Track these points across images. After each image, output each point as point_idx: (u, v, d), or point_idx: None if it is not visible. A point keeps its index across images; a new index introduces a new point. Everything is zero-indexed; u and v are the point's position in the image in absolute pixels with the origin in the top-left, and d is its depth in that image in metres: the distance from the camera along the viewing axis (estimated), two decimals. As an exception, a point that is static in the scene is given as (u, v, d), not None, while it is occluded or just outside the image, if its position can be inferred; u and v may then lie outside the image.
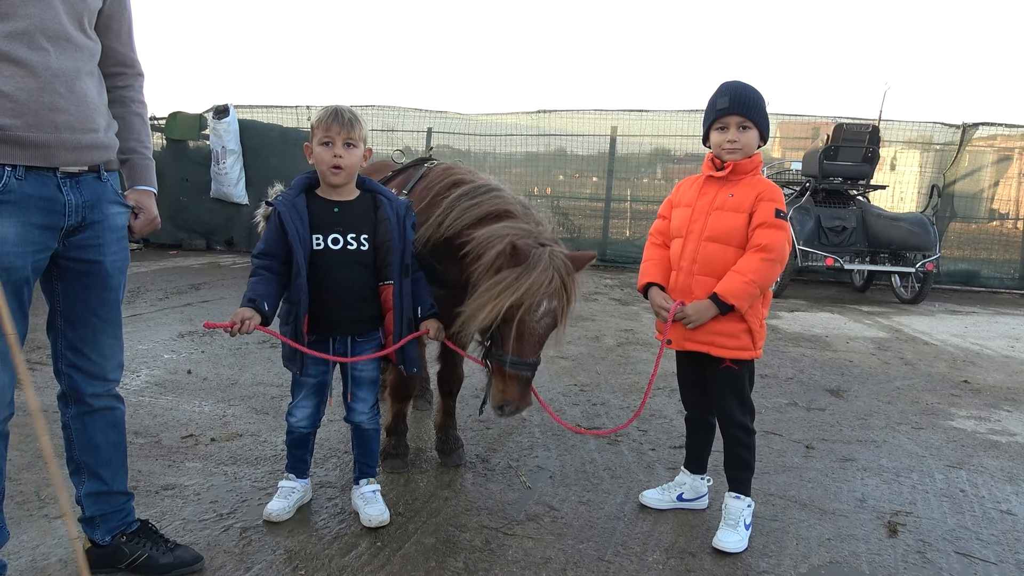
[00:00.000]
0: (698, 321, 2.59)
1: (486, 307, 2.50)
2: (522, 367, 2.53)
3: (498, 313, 2.48)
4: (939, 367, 5.56)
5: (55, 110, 1.91)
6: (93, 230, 2.08)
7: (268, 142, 10.82)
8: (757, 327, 2.63)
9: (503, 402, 2.54)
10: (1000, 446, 3.84)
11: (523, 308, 2.48)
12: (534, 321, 2.52)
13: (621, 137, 11.23)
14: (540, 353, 2.60)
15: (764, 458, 3.44)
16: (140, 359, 4.80)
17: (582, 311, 7.21)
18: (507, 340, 2.52)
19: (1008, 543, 2.77)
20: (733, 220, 2.60)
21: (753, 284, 2.53)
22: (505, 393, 2.54)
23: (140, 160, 2.25)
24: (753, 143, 2.62)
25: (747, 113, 2.59)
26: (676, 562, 2.53)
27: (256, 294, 2.47)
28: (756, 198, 2.58)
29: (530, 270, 2.49)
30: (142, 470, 3.06)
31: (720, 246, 2.61)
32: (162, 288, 7.60)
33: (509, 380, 2.53)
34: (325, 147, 2.53)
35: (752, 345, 2.63)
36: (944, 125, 10.53)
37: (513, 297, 2.47)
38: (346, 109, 2.57)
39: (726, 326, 2.60)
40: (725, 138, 2.62)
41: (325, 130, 2.52)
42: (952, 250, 10.41)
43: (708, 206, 2.66)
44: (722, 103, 2.62)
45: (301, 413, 2.73)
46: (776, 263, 2.56)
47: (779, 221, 2.56)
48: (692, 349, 2.67)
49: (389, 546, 2.55)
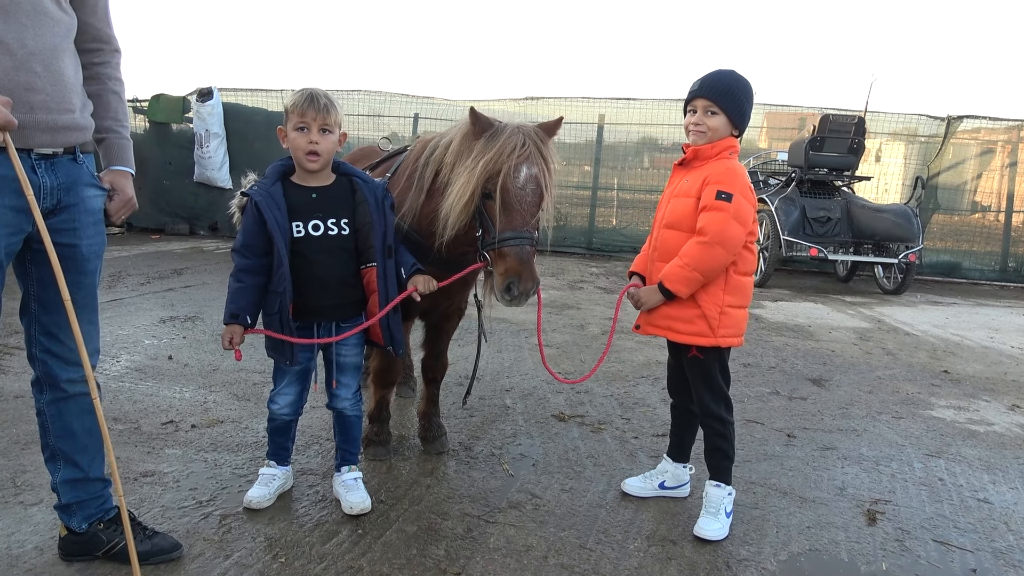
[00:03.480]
0: (647, 305, 2.64)
1: (465, 185, 2.45)
2: (518, 240, 2.43)
3: (477, 184, 2.43)
4: (920, 357, 5.61)
5: (31, 89, 1.86)
6: (68, 213, 2.03)
7: (253, 126, 10.71)
8: (715, 313, 2.58)
9: (508, 281, 2.41)
10: (978, 435, 3.88)
11: (503, 175, 2.43)
12: (517, 188, 2.45)
13: (608, 125, 11.20)
14: (535, 225, 2.50)
15: (745, 446, 3.46)
16: (120, 344, 4.75)
17: (567, 299, 7.22)
18: (496, 218, 2.45)
19: (984, 531, 2.80)
20: (684, 205, 2.61)
21: (688, 268, 2.52)
22: (507, 272, 2.42)
23: (117, 139, 2.20)
24: (720, 128, 2.59)
25: (714, 98, 2.57)
26: (657, 550, 2.54)
27: (238, 308, 2.50)
28: (703, 181, 2.56)
29: (497, 136, 2.48)
30: (121, 456, 3.02)
31: (675, 232, 2.63)
32: (144, 273, 7.52)
33: (508, 257, 2.42)
34: (300, 132, 2.49)
35: (710, 332, 2.59)
36: (929, 117, 10.58)
37: (488, 161, 2.42)
38: (321, 93, 2.51)
39: (679, 311, 2.61)
40: (691, 120, 2.63)
41: (300, 115, 2.48)
42: (935, 241, 10.50)
43: (670, 193, 2.70)
44: (694, 86, 2.63)
45: (284, 400, 2.70)
46: (714, 246, 2.49)
47: (719, 203, 2.49)
48: (654, 333, 2.72)
49: (370, 533, 2.55)
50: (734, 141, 2.65)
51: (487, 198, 2.49)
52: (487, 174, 2.46)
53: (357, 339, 2.71)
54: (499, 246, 2.45)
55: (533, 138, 2.52)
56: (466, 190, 2.46)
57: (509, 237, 2.43)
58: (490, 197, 2.47)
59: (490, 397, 4.09)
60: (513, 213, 2.45)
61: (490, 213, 2.49)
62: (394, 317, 2.66)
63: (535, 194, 2.49)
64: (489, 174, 2.45)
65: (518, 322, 6.01)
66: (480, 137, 2.53)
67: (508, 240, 2.43)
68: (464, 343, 4.95)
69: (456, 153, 2.60)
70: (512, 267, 2.42)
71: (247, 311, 2.51)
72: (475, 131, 2.55)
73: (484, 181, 2.46)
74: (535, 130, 2.56)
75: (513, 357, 4.96)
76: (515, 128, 2.52)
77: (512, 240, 2.43)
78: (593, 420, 3.80)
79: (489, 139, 2.50)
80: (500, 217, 2.45)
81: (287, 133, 2.53)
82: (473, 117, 2.55)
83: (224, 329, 2.54)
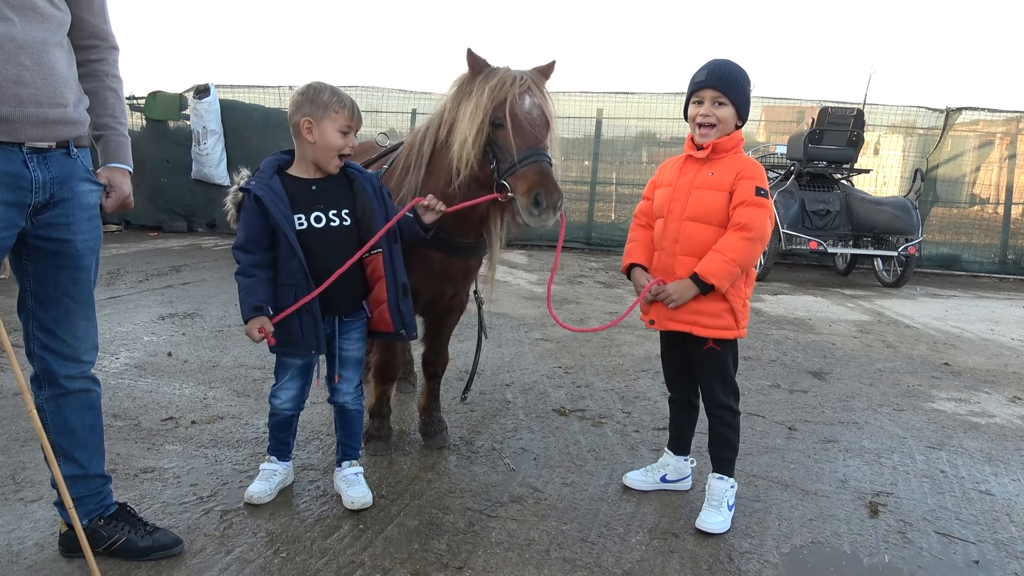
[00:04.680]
0: (679, 300, 2.59)
1: (473, 114, 2.52)
2: (537, 156, 2.46)
3: (486, 112, 2.50)
4: (920, 350, 5.61)
5: (20, 83, 1.84)
6: (62, 208, 2.02)
7: (250, 123, 10.67)
8: (740, 307, 2.62)
9: (535, 193, 2.42)
10: (979, 427, 3.88)
11: (509, 101, 2.50)
12: (525, 111, 2.51)
13: (607, 120, 11.18)
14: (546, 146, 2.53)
15: (747, 439, 3.45)
16: (120, 341, 4.74)
17: (567, 294, 7.21)
18: (509, 143, 2.49)
19: (987, 523, 2.80)
20: (713, 199, 2.58)
21: (733, 263, 2.52)
22: (532, 186, 2.43)
23: (114, 136, 2.18)
24: (729, 120, 2.58)
25: (723, 88, 2.56)
26: (659, 543, 2.54)
27: (259, 300, 2.46)
28: (736, 176, 2.56)
29: (494, 73, 2.57)
30: (121, 453, 3.02)
31: (701, 225, 2.60)
32: (142, 270, 7.50)
33: (530, 174, 2.44)
34: (343, 135, 2.51)
35: (735, 325, 2.62)
36: (928, 109, 10.57)
37: (493, 88, 2.50)
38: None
39: (708, 306, 2.59)
40: (699, 111, 2.60)
41: (348, 119, 2.51)
42: (934, 234, 10.48)
43: (689, 185, 2.64)
44: (699, 76, 2.61)
45: (286, 395, 2.69)
46: (756, 242, 2.54)
47: (759, 199, 2.54)
48: (675, 329, 2.66)
49: (372, 528, 2.54)
50: (741, 133, 2.65)
51: (498, 127, 2.52)
52: (494, 101, 2.51)
53: (360, 332, 2.70)
54: (520, 166, 2.47)
55: (530, 74, 2.61)
56: (475, 119, 2.51)
57: (527, 155, 2.47)
58: (500, 126, 2.51)
59: (491, 392, 4.09)
60: (526, 133, 2.49)
61: (502, 141, 2.52)
62: (404, 301, 2.65)
63: (542, 119, 2.56)
64: (496, 102, 2.51)
65: (518, 317, 6.01)
66: (477, 76, 2.59)
67: (527, 158, 2.47)
68: (464, 338, 4.94)
69: (456, 99, 2.66)
70: (535, 180, 2.44)
71: (268, 302, 2.46)
72: (472, 72, 2.62)
73: (493, 109, 2.51)
74: (530, 71, 2.64)
75: (513, 352, 4.95)
76: (509, 68, 2.61)
77: (531, 157, 2.46)
78: (594, 414, 3.80)
79: (487, 76, 2.58)
80: (515, 139, 2.48)
81: (323, 129, 2.48)
82: (470, 57, 2.61)
83: (248, 324, 2.46)
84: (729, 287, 2.56)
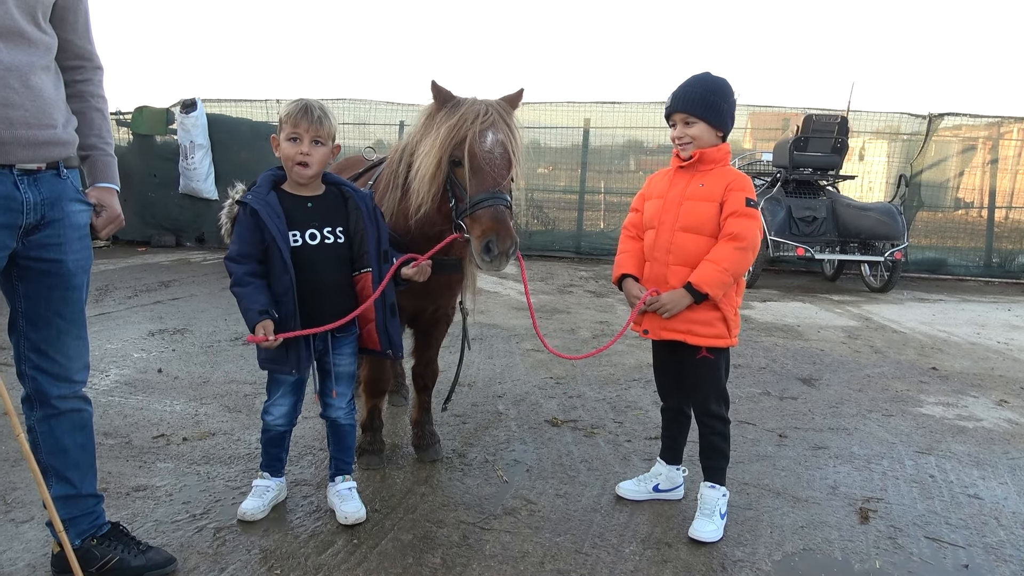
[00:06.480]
0: (673, 310, 2.62)
1: (429, 152, 2.48)
2: (492, 200, 2.40)
3: (443, 150, 2.45)
4: (908, 354, 5.66)
5: (9, 106, 1.85)
6: (53, 228, 2.02)
7: (237, 136, 10.65)
8: (732, 315, 2.67)
9: (486, 240, 2.38)
10: (967, 431, 3.92)
11: (469, 140, 2.44)
12: (485, 151, 2.45)
13: (594, 129, 11.25)
14: (506, 188, 2.48)
15: (738, 447, 3.47)
16: (109, 358, 4.71)
17: (557, 304, 7.23)
18: (466, 183, 2.45)
19: (976, 527, 2.83)
20: (705, 210, 2.63)
21: (726, 272, 2.57)
22: (484, 232, 2.38)
23: (101, 157, 2.19)
24: (703, 135, 2.64)
25: (688, 109, 2.63)
26: (653, 553, 2.55)
27: (262, 304, 2.43)
28: (726, 188, 2.62)
29: (459, 106, 2.52)
30: (112, 471, 3.00)
31: (693, 235, 2.64)
32: (131, 286, 7.46)
33: (484, 219, 2.40)
34: (292, 143, 2.49)
35: (727, 333, 2.67)
36: (911, 115, 10.70)
37: (452, 126, 2.45)
38: (316, 105, 2.51)
39: (701, 315, 2.63)
40: (674, 133, 2.70)
41: (293, 126, 2.47)
42: (920, 239, 10.59)
43: (680, 196, 2.69)
44: (667, 101, 2.70)
45: (278, 411, 2.69)
46: (748, 251, 2.60)
47: (749, 210, 2.60)
48: (669, 338, 2.69)
49: (366, 543, 2.54)
50: (729, 146, 2.70)
51: (456, 166, 2.50)
52: (453, 140, 2.47)
53: (352, 348, 2.71)
54: (472, 210, 2.43)
55: (496, 107, 2.55)
56: (433, 158, 2.47)
57: (482, 199, 2.42)
58: (459, 164, 2.48)
59: (483, 403, 4.09)
60: (483, 174, 2.44)
61: (461, 180, 2.49)
62: (392, 321, 2.66)
63: (503, 157, 2.50)
64: (455, 140, 2.47)
65: (509, 328, 6.02)
66: (442, 109, 2.57)
67: (481, 202, 2.42)
68: (454, 350, 4.94)
69: (421, 131, 2.64)
70: (488, 227, 2.40)
71: (270, 306, 2.44)
72: (436, 104, 2.59)
73: (451, 148, 2.48)
74: (497, 101, 2.59)
75: (505, 363, 4.96)
76: (475, 99, 2.56)
77: (486, 201, 2.42)
78: (586, 424, 3.81)
79: (451, 110, 2.54)
80: (471, 181, 2.45)
81: (279, 142, 2.53)
82: (435, 89, 2.58)
83: (259, 325, 2.40)
84: (722, 296, 2.60)
